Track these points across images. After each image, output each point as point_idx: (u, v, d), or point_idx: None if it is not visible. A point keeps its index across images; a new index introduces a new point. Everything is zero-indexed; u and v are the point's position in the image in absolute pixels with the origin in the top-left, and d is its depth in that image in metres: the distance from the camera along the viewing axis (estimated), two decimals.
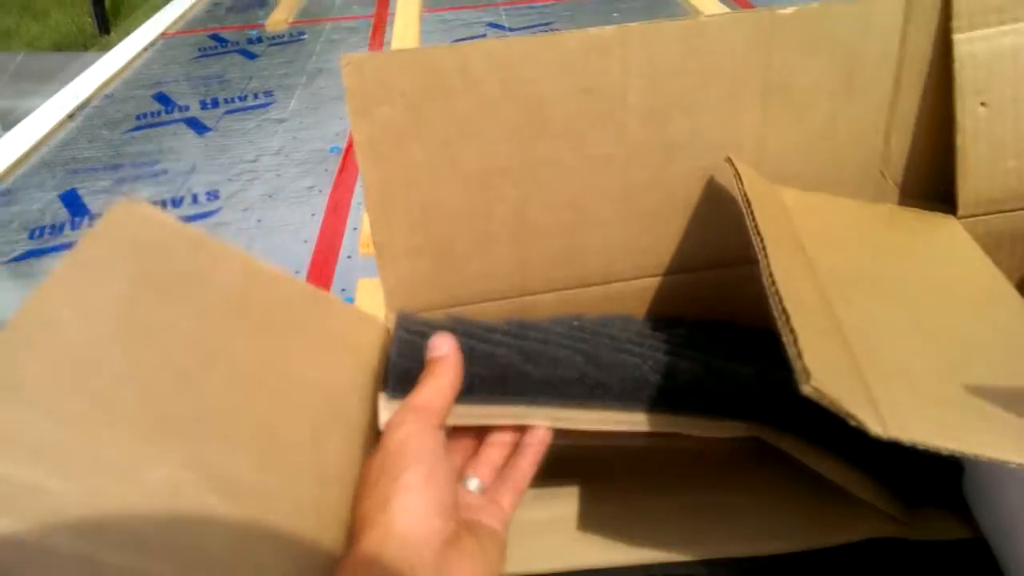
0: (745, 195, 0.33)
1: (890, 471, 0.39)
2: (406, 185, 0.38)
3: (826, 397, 0.22)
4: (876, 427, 0.23)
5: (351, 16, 1.58)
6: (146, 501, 0.24)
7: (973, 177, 0.38)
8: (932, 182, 0.41)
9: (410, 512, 0.28)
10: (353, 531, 0.29)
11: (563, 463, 0.46)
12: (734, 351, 0.40)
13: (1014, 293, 0.34)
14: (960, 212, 0.39)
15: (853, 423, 0.23)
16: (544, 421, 0.37)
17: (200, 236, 0.32)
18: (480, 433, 0.38)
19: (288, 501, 0.29)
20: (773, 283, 0.27)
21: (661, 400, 0.37)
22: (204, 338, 0.30)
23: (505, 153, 0.38)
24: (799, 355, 0.24)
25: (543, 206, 0.40)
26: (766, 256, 0.29)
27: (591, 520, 0.41)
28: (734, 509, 0.41)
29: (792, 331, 0.25)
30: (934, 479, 0.39)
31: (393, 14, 1.51)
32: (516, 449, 0.38)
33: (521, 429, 0.38)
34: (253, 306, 0.32)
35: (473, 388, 0.36)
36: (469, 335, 0.38)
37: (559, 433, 0.38)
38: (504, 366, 0.37)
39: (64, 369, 0.25)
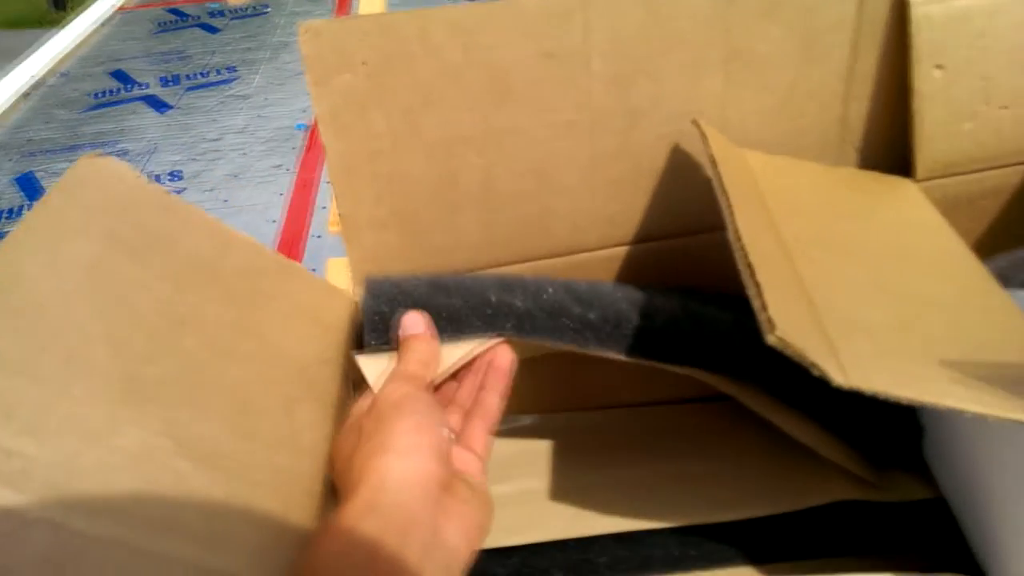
0: (712, 156, 0.34)
1: (856, 433, 0.40)
2: (369, 155, 0.38)
3: (790, 347, 0.23)
4: (838, 376, 0.23)
5: None
6: (119, 466, 0.24)
7: (929, 141, 0.39)
8: (891, 146, 0.41)
9: (408, 455, 0.28)
10: (345, 485, 0.29)
11: (539, 439, 0.46)
12: (709, 301, 0.40)
13: (968, 253, 0.35)
14: (918, 175, 0.40)
15: (816, 372, 0.23)
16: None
17: (169, 197, 0.32)
18: (446, 389, 0.38)
19: (261, 470, 0.28)
20: (739, 239, 0.28)
21: (639, 341, 0.37)
22: (175, 301, 0.29)
23: (468, 121, 0.38)
24: (764, 307, 0.24)
25: (508, 174, 0.40)
26: (732, 214, 0.29)
27: (563, 491, 0.42)
28: (707, 477, 0.42)
29: (757, 284, 0.25)
30: (896, 441, 0.40)
31: None
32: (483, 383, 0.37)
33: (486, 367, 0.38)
34: (224, 272, 0.32)
35: (460, 319, 0.36)
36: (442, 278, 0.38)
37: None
38: (486, 294, 0.37)
39: (34, 325, 0.24)
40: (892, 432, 0.40)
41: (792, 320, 0.24)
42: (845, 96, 0.40)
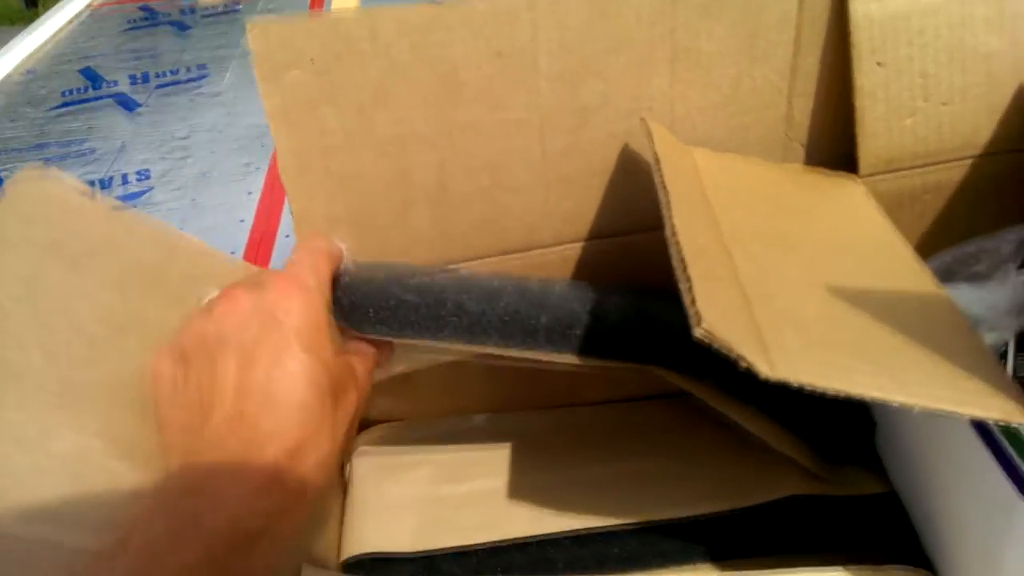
0: (655, 153, 0.34)
1: (809, 428, 0.41)
2: (321, 153, 0.38)
3: (716, 340, 0.23)
4: (765, 369, 0.24)
5: None
6: (52, 470, 0.24)
7: (872, 137, 0.40)
8: (835, 143, 0.42)
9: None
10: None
11: (496, 440, 0.46)
12: (661, 298, 0.41)
13: (906, 247, 0.35)
14: (861, 172, 0.41)
15: (743, 364, 0.24)
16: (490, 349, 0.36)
17: (113, 205, 0.32)
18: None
19: None
20: (674, 234, 0.28)
21: (591, 342, 0.37)
22: (116, 308, 0.30)
23: (420, 118, 0.38)
24: (693, 301, 0.24)
25: (462, 171, 0.40)
26: (669, 210, 0.30)
27: (521, 491, 0.42)
28: (665, 475, 0.42)
29: (688, 278, 0.25)
30: (850, 436, 0.41)
31: None
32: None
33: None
34: (170, 277, 0.32)
35: (409, 320, 0.36)
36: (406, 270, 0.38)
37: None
38: (441, 294, 0.36)
39: None
40: (845, 427, 0.41)
41: (721, 314, 0.25)
42: (789, 93, 0.41)
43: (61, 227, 0.29)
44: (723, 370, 0.38)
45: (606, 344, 0.37)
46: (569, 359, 0.36)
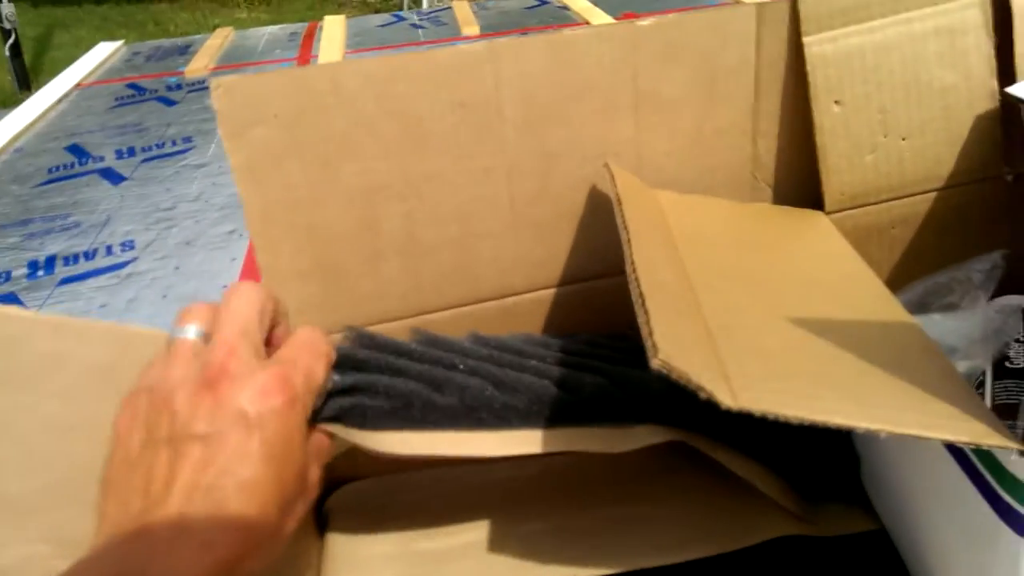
0: (617, 195, 0.34)
1: (792, 467, 0.40)
2: (288, 207, 0.38)
3: (675, 371, 0.23)
4: (727, 399, 0.23)
5: (274, 59, 1.58)
6: None
7: (836, 173, 0.40)
8: (802, 181, 0.42)
9: None
10: None
11: (477, 491, 0.45)
12: (638, 358, 0.40)
13: (874, 278, 0.35)
14: (828, 208, 0.41)
15: (703, 395, 0.23)
16: (449, 450, 0.36)
17: (61, 320, 0.34)
18: None
19: None
20: (634, 270, 0.28)
21: (567, 415, 0.37)
22: (63, 414, 0.31)
23: (385, 169, 0.39)
24: (650, 333, 0.24)
25: (430, 221, 0.40)
26: (630, 246, 0.30)
27: (504, 542, 0.41)
28: (649, 520, 0.41)
29: (646, 311, 0.25)
30: (834, 472, 0.40)
31: (316, 57, 1.52)
32: None
33: None
34: (121, 372, 0.32)
35: (377, 418, 0.34)
36: (376, 363, 0.36)
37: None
38: (409, 394, 0.35)
39: None
40: (828, 463, 0.40)
41: (679, 345, 0.24)
42: (753, 134, 0.41)
43: (4, 357, 0.31)
44: (704, 423, 0.38)
45: (581, 415, 0.37)
46: (547, 437, 0.36)
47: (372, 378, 0.35)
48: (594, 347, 0.42)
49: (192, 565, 0.23)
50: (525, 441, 0.36)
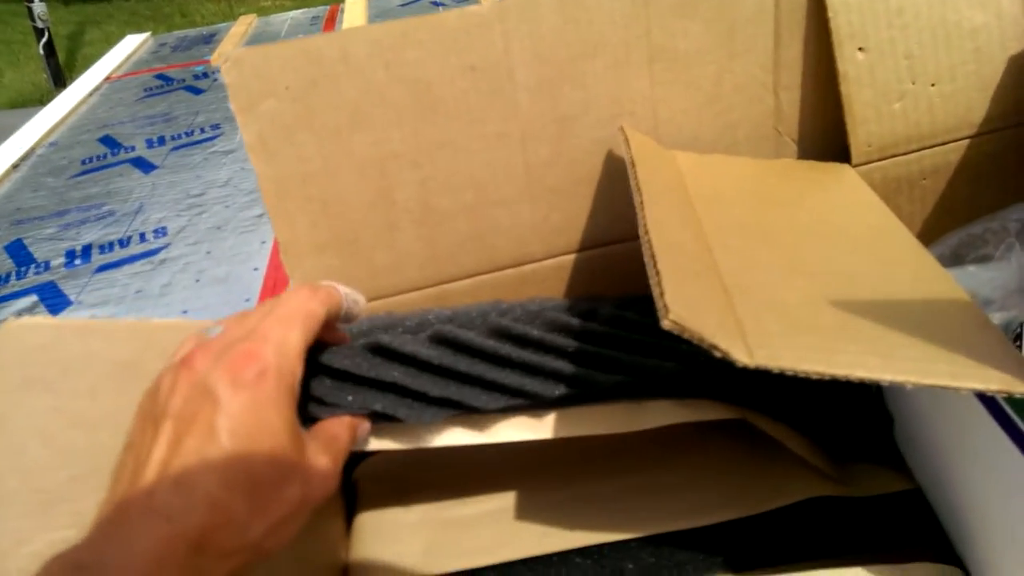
0: (631, 158, 0.33)
1: (824, 428, 0.39)
2: (302, 179, 0.38)
3: (686, 331, 0.22)
4: (742, 357, 0.23)
5: None
6: (29, 570, 0.24)
7: (862, 124, 0.38)
8: (828, 134, 0.41)
9: None
10: None
11: (503, 460, 0.45)
12: (657, 338, 0.39)
13: (901, 228, 0.34)
14: (854, 160, 0.40)
15: (718, 354, 0.23)
16: (467, 438, 0.36)
17: (88, 324, 0.37)
18: None
19: None
20: (646, 232, 0.27)
21: (596, 396, 0.36)
22: (90, 410, 0.33)
23: (398, 138, 0.38)
24: (661, 294, 0.24)
25: (445, 189, 0.40)
26: (642, 208, 0.29)
27: (531, 509, 0.41)
28: (675, 485, 0.41)
29: (657, 272, 0.25)
30: (867, 433, 0.39)
31: None
32: None
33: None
34: (145, 367, 0.33)
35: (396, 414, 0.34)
36: (387, 354, 0.35)
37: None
38: (427, 386, 0.34)
39: None
40: (861, 424, 0.39)
41: (692, 304, 0.24)
42: (774, 87, 0.40)
43: (33, 364, 0.34)
44: (726, 383, 0.37)
45: (610, 395, 0.36)
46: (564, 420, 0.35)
47: (394, 372, 0.34)
48: (612, 321, 0.40)
49: (151, 537, 0.23)
50: (542, 426, 0.36)
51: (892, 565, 0.31)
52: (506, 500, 0.42)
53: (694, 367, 0.36)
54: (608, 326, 0.39)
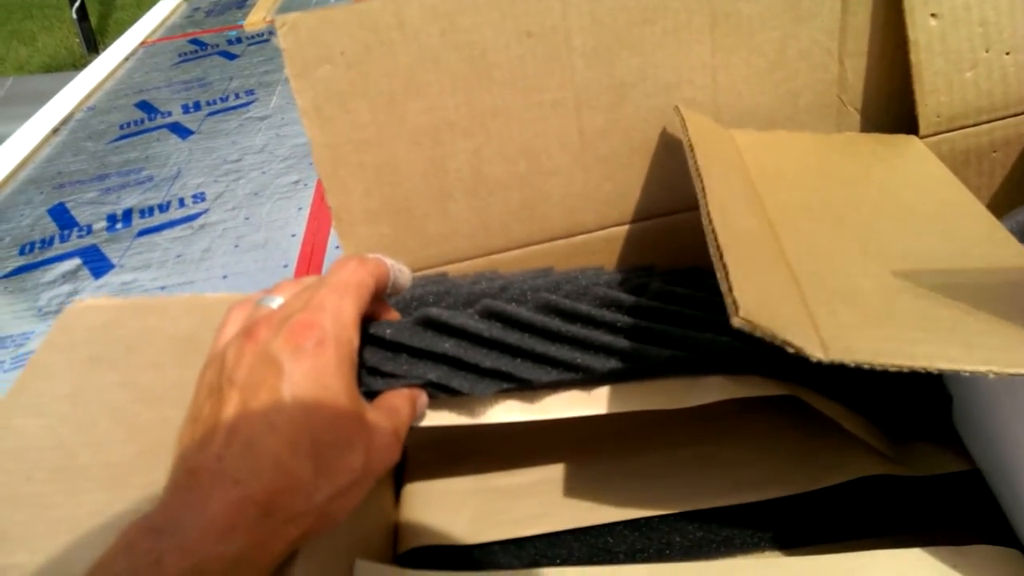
0: (689, 141, 0.33)
1: (880, 407, 0.38)
2: (356, 146, 0.38)
3: (758, 328, 0.22)
4: (816, 352, 0.22)
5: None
6: (99, 545, 0.25)
7: (931, 93, 0.37)
8: (894, 104, 0.40)
9: None
10: None
11: (552, 431, 0.45)
12: (709, 312, 0.38)
13: (975, 203, 0.33)
14: (922, 132, 0.38)
15: (791, 351, 0.22)
16: (521, 414, 0.36)
17: (143, 301, 0.38)
18: None
19: None
20: (710, 222, 0.27)
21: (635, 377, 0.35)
22: (152, 384, 0.34)
23: (452, 105, 0.38)
24: (729, 289, 0.23)
25: (498, 157, 0.39)
26: (705, 196, 0.28)
27: (578, 480, 0.41)
28: (724, 460, 0.40)
29: (724, 266, 0.24)
30: (924, 412, 0.39)
31: None
32: None
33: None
34: (204, 339, 0.33)
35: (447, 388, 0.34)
36: (437, 327, 0.35)
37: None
38: (478, 358, 0.34)
39: (20, 461, 0.31)
40: (918, 403, 0.39)
41: (762, 299, 0.23)
42: (840, 54, 0.39)
43: (99, 342, 0.35)
44: (782, 369, 0.37)
45: (662, 370, 0.36)
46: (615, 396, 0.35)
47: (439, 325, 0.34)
48: (663, 295, 0.40)
49: (222, 500, 0.24)
50: (593, 401, 0.35)
51: (949, 547, 0.31)
52: (554, 471, 0.42)
53: (748, 342, 0.35)
54: (659, 300, 0.39)
